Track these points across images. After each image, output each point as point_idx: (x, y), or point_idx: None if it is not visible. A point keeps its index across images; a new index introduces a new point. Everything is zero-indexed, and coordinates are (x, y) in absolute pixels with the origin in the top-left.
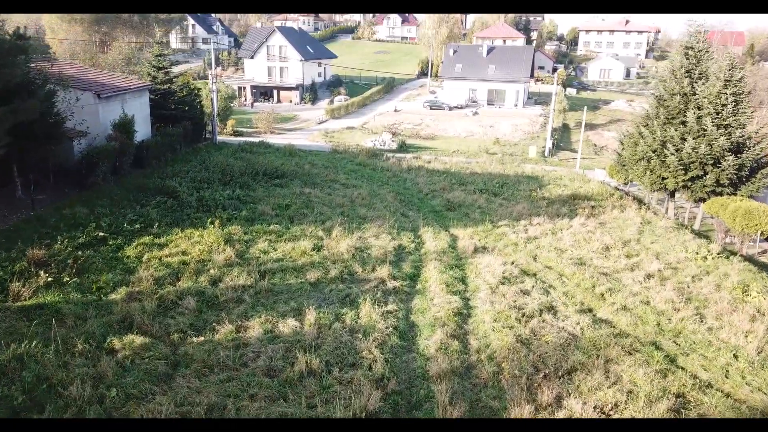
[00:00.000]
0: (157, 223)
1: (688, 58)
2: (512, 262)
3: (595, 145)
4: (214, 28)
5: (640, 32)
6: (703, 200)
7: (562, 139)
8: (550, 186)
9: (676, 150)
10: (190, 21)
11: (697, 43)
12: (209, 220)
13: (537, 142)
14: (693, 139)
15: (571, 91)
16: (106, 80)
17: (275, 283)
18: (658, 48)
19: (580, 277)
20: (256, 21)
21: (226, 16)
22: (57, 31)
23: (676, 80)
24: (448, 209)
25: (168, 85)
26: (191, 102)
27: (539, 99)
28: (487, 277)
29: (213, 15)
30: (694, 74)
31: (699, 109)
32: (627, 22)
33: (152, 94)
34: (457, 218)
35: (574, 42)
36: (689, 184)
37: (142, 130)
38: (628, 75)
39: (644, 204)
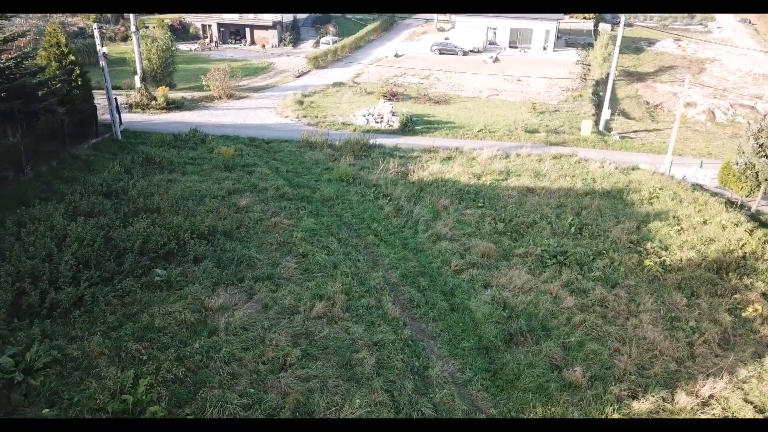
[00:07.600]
0: None
1: None
2: None
3: (648, 104)
4: None
5: None
6: None
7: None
8: (655, 224)
9: None
10: None
11: None
12: None
13: (582, 105)
14: None
15: (605, 27)
16: None
17: None
18: None
19: None
20: None
21: None
22: None
23: None
24: (510, 339)
25: None
26: (63, 77)
27: (570, 39)
28: None
29: None
30: None
31: None
32: None
33: None
34: (540, 383)
35: None
36: None
37: None
38: None
39: None
